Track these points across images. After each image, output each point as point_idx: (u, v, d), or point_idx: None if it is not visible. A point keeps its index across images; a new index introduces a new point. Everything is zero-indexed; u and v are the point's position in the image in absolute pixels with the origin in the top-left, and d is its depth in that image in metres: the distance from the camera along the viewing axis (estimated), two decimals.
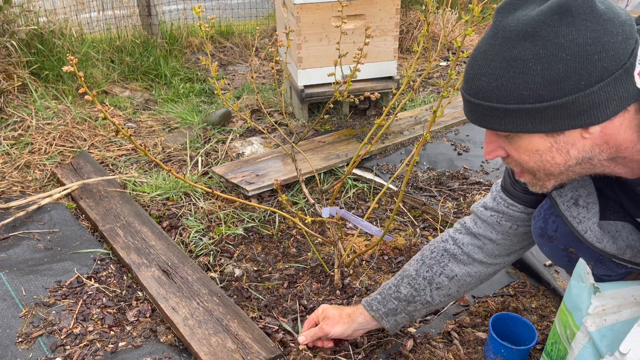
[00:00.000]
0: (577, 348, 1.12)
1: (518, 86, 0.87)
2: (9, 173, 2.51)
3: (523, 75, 0.86)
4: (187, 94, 3.53)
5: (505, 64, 0.87)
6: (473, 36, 4.81)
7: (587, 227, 1.13)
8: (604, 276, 1.23)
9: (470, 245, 1.37)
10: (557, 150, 0.93)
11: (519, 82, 0.86)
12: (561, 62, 0.83)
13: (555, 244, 1.23)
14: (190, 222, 2.14)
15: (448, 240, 1.40)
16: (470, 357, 1.47)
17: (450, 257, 1.38)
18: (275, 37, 3.44)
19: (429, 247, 1.44)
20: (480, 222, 1.36)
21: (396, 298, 1.41)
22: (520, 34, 0.85)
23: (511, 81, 0.87)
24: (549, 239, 1.23)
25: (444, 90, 1.29)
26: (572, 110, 0.86)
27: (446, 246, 1.40)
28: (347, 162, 2.53)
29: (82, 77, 1.10)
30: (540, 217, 1.24)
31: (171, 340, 1.58)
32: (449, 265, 1.38)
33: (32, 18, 3.34)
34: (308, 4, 2.74)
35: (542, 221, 1.23)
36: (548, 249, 1.27)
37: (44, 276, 1.81)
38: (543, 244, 1.27)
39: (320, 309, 1.50)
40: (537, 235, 1.26)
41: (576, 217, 1.14)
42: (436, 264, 1.39)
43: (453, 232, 1.41)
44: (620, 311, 1.07)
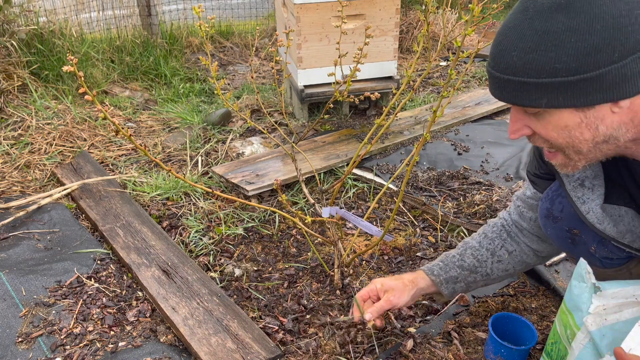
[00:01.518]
0: (577, 348, 1.11)
1: (551, 59, 0.86)
2: (9, 173, 2.51)
3: (556, 48, 0.85)
4: (187, 94, 3.53)
5: (537, 38, 0.86)
6: (473, 36, 4.81)
7: (590, 208, 1.14)
8: (606, 259, 1.23)
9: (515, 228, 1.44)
10: (586, 126, 0.93)
11: (551, 55, 0.86)
12: (595, 33, 0.82)
13: (560, 225, 1.24)
14: (190, 222, 2.14)
15: (502, 219, 1.48)
16: (470, 357, 1.47)
17: (507, 234, 1.45)
18: (275, 37, 3.44)
19: (488, 224, 1.51)
20: (514, 209, 1.44)
21: (460, 266, 1.45)
22: (553, 6, 0.85)
23: (544, 54, 0.86)
24: (554, 220, 1.25)
25: (444, 90, 1.29)
26: (604, 83, 0.85)
27: (502, 223, 1.47)
28: (347, 162, 2.53)
29: (82, 77, 1.09)
30: (547, 198, 1.26)
31: (171, 340, 1.58)
32: (508, 240, 1.44)
33: (32, 18, 3.34)
34: (308, 4, 2.74)
35: (548, 202, 1.25)
36: (552, 231, 1.28)
37: (44, 276, 1.81)
38: (548, 225, 1.28)
39: (377, 282, 1.44)
40: (543, 216, 1.28)
41: (580, 198, 1.15)
42: (497, 237, 1.45)
43: (503, 213, 1.49)
44: (621, 311, 1.07)
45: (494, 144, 2.76)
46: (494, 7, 1.67)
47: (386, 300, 1.40)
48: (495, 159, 2.59)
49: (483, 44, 1.55)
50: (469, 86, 3.73)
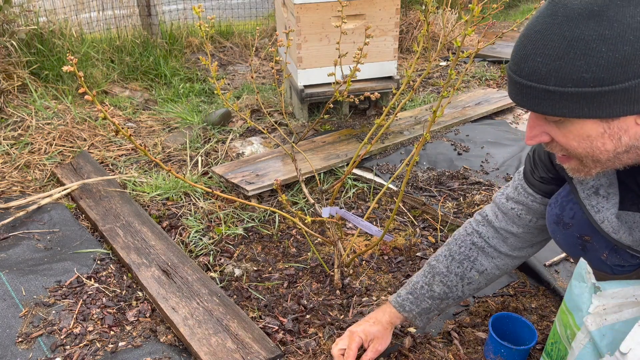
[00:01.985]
0: (577, 348, 1.11)
1: (578, 68, 0.83)
2: (9, 173, 2.51)
3: (585, 56, 0.82)
4: (187, 94, 3.53)
5: (565, 44, 0.83)
6: (473, 36, 4.81)
7: (605, 217, 1.11)
8: (617, 266, 1.21)
9: (495, 238, 1.38)
10: (609, 137, 0.90)
11: (580, 64, 0.83)
12: (628, 43, 0.80)
13: (571, 231, 1.21)
14: (190, 222, 2.14)
15: (473, 234, 1.41)
16: (470, 357, 1.47)
17: (479, 251, 1.39)
18: (275, 37, 3.44)
19: (455, 242, 1.43)
20: (502, 215, 1.37)
21: (430, 297, 1.41)
22: (585, 12, 0.82)
23: (571, 63, 0.83)
24: (564, 226, 1.21)
25: (444, 90, 1.29)
26: (633, 95, 0.83)
27: (473, 239, 1.41)
28: (347, 162, 2.53)
29: (82, 77, 1.09)
30: (557, 204, 1.22)
31: (171, 340, 1.58)
32: (479, 259, 1.39)
33: (32, 18, 3.34)
34: (308, 4, 2.74)
35: (558, 208, 1.21)
36: (562, 237, 1.24)
37: (44, 276, 1.81)
38: (557, 232, 1.24)
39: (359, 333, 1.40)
40: (552, 222, 1.24)
41: (595, 206, 1.12)
42: (466, 259, 1.40)
43: (476, 225, 1.42)
44: (621, 311, 1.07)
45: (494, 144, 2.76)
46: (494, 7, 1.67)
47: (374, 350, 1.40)
48: (495, 159, 2.59)
49: (483, 44, 1.55)
50: (469, 86, 3.73)
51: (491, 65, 4.15)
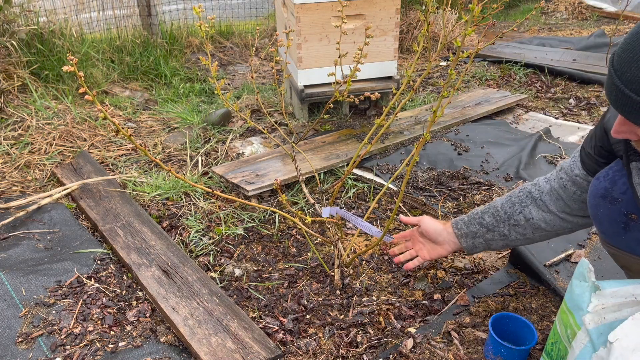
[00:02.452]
0: (577, 348, 1.12)
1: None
2: (9, 173, 2.51)
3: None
4: (187, 94, 3.53)
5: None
6: (473, 36, 4.81)
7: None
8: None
9: (548, 195, 1.45)
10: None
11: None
12: None
13: (618, 207, 1.18)
14: (190, 222, 2.14)
15: (534, 185, 1.49)
16: (470, 357, 1.47)
17: (532, 200, 1.47)
18: (275, 37, 3.44)
19: (518, 188, 1.53)
20: (556, 180, 1.44)
21: (479, 223, 1.54)
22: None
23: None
24: (611, 201, 1.19)
25: (444, 90, 1.29)
26: None
27: (531, 189, 1.49)
28: (347, 162, 2.53)
29: (82, 77, 1.10)
30: (607, 177, 1.21)
31: (171, 340, 1.58)
32: (529, 207, 1.47)
33: (32, 18, 3.34)
34: (308, 4, 2.74)
35: (609, 182, 1.20)
36: (606, 211, 1.21)
37: (44, 276, 1.81)
38: (601, 206, 1.22)
39: (421, 221, 1.64)
40: (599, 195, 1.22)
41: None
42: (518, 202, 1.49)
43: (540, 180, 1.50)
44: (620, 310, 1.07)
45: (494, 144, 2.76)
46: (494, 7, 1.67)
47: (419, 219, 1.65)
48: (495, 159, 2.59)
49: (483, 44, 1.55)
50: (469, 86, 3.73)
51: (491, 65, 4.15)
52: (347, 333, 1.57)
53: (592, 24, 5.60)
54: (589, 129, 2.97)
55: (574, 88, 3.60)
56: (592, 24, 5.60)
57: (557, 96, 3.49)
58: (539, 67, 3.90)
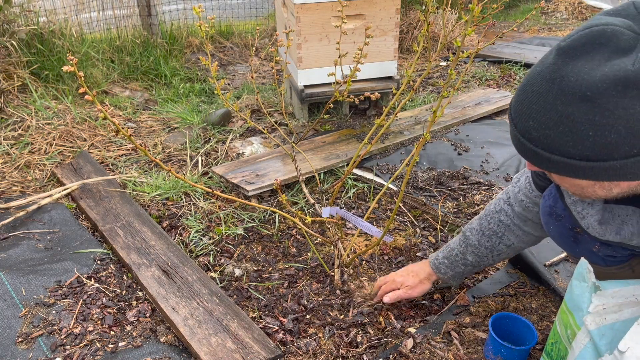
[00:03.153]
0: (577, 348, 1.11)
1: (565, 143, 0.84)
2: (9, 173, 2.51)
3: (572, 134, 0.83)
4: (187, 94, 3.53)
5: (556, 117, 0.84)
6: (473, 36, 4.81)
7: (589, 224, 1.14)
8: (609, 257, 1.23)
9: (517, 218, 1.46)
10: (599, 187, 0.93)
11: (567, 139, 0.84)
12: (616, 132, 0.80)
13: (563, 222, 1.23)
14: (190, 222, 2.14)
15: (501, 212, 1.49)
16: (470, 357, 1.47)
17: (506, 228, 1.49)
18: (275, 37, 3.44)
19: (485, 217, 1.53)
20: (517, 202, 1.44)
21: (463, 264, 1.58)
22: (578, 94, 0.81)
23: (559, 136, 0.85)
24: (557, 218, 1.24)
25: (444, 90, 1.29)
26: (619, 171, 0.84)
27: (500, 217, 1.49)
28: (347, 162, 2.53)
29: (82, 77, 1.10)
30: (550, 196, 1.26)
31: (171, 340, 1.58)
32: (506, 235, 1.49)
33: (32, 18, 3.34)
34: (308, 4, 2.74)
35: (552, 200, 1.25)
36: (555, 228, 1.27)
37: (44, 276, 1.81)
38: (550, 223, 1.28)
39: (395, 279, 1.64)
40: (546, 213, 1.28)
41: (580, 213, 1.15)
42: (494, 235, 1.51)
43: (503, 203, 1.49)
44: (620, 310, 1.07)
45: (494, 144, 2.76)
46: (494, 7, 1.67)
47: (405, 292, 1.61)
48: (495, 159, 2.59)
49: (483, 44, 1.55)
50: (469, 86, 3.73)
51: (491, 65, 4.15)
52: (347, 333, 1.57)
53: None
54: None
55: None
56: None
57: None
58: None
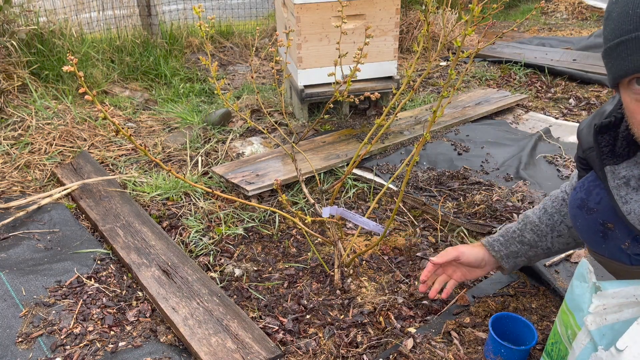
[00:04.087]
0: (578, 348, 1.11)
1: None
2: (9, 173, 2.51)
3: None
4: (187, 94, 3.53)
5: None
6: (473, 36, 4.81)
7: (632, 209, 1.10)
8: (636, 255, 1.18)
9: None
10: None
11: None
12: None
13: (594, 216, 1.19)
14: (190, 222, 2.14)
15: (565, 192, 1.47)
16: (470, 357, 1.47)
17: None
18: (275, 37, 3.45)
19: (549, 198, 1.51)
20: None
21: (520, 242, 1.51)
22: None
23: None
24: (588, 211, 1.20)
25: (444, 90, 1.29)
26: None
27: (563, 196, 1.47)
28: (347, 162, 2.53)
29: (82, 77, 1.10)
30: (583, 188, 1.22)
31: (171, 340, 1.58)
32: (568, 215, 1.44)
33: (32, 18, 3.34)
34: (308, 4, 2.74)
35: (584, 192, 1.21)
36: (584, 222, 1.23)
37: (44, 276, 1.81)
38: (579, 216, 1.23)
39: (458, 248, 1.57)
40: (576, 206, 1.23)
41: (623, 197, 1.11)
42: (557, 212, 1.47)
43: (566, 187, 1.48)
44: (621, 311, 1.07)
45: (494, 144, 2.76)
46: (494, 7, 1.67)
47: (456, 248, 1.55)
48: (495, 159, 2.59)
49: (483, 44, 1.55)
50: (469, 86, 3.73)
51: (491, 65, 4.15)
52: (347, 333, 1.57)
53: (592, 24, 5.60)
54: None
55: (574, 88, 3.60)
56: (592, 24, 5.60)
57: (557, 96, 3.49)
58: (539, 67, 3.89)
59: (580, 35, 4.98)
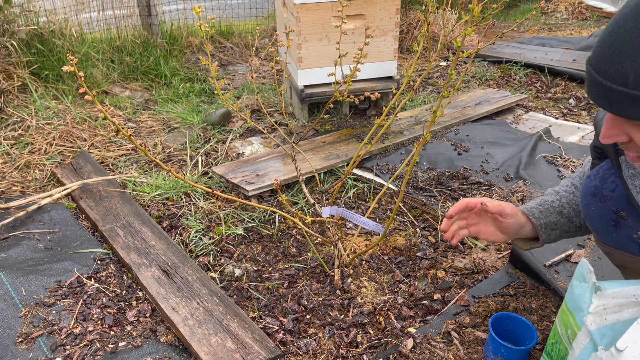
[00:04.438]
0: (578, 348, 1.11)
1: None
2: (9, 173, 2.51)
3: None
4: (187, 94, 3.53)
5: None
6: (473, 36, 4.81)
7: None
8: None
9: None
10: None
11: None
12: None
13: (608, 204, 1.17)
14: (190, 222, 2.14)
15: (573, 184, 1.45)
16: (470, 357, 1.47)
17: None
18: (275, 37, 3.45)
19: (570, 180, 1.46)
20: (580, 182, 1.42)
21: (559, 213, 1.42)
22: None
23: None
24: (601, 199, 1.18)
25: (444, 90, 1.29)
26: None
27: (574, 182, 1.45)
28: (347, 162, 2.53)
29: (82, 77, 1.10)
30: (597, 176, 1.20)
31: (171, 340, 1.58)
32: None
33: (32, 18, 3.34)
34: (308, 4, 2.74)
35: (599, 180, 1.19)
36: (596, 210, 1.21)
37: (44, 276, 1.81)
38: (592, 204, 1.21)
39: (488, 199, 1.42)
40: (589, 194, 1.21)
41: (637, 187, 1.10)
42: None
43: (575, 177, 1.46)
44: (621, 311, 1.07)
45: (494, 144, 2.76)
46: (494, 7, 1.67)
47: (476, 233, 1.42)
48: (495, 159, 2.59)
49: (483, 44, 1.55)
50: (469, 86, 3.73)
51: (491, 65, 4.15)
52: (347, 333, 1.57)
53: (592, 24, 5.60)
54: (589, 129, 2.97)
55: (574, 88, 3.60)
56: (592, 24, 5.60)
57: (557, 96, 3.49)
58: (539, 67, 3.90)
59: (580, 35, 4.98)
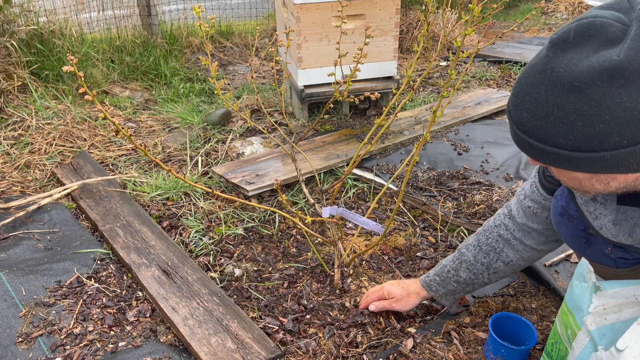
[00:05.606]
0: (578, 348, 1.11)
1: (557, 133, 0.85)
2: (9, 173, 2.51)
3: (562, 124, 0.84)
4: (187, 94, 3.53)
5: (547, 108, 0.85)
6: (473, 36, 4.81)
7: (602, 224, 1.12)
8: (620, 259, 1.20)
9: (519, 232, 1.43)
10: (597, 181, 0.92)
11: (557, 129, 0.85)
12: (603, 122, 0.81)
13: (576, 223, 1.21)
14: (190, 222, 2.14)
15: (500, 226, 1.46)
16: (470, 357, 1.47)
17: (505, 243, 1.45)
18: (275, 37, 3.44)
19: (483, 233, 1.50)
20: (522, 211, 1.41)
21: (456, 281, 1.52)
22: (566, 85, 0.83)
23: (551, 127, 0.85)
24: (569, 218, 1.22)
25: (444, 90, 1.29)
26: (611, 162, 0.84)
27: (500, 231, 1.46)
28: (347, 162, 2.53)
29: (82, 77, 1.10)
30: (562, 196, 1.23)
31: (171, 340, 1.58)
32: (504, 251, 1.45)
33: (32, 18, 3.34)
34: (308, 4, 2.74)
35: (564, 200, 1.23)
36: (567, 229, 1.25)
37: (44, 276, 1.81)
38: (562, 224, 1.25)
39: (384, 287, 1.60)
40: (557, 214, 1.25)
41: (592, 213, 1.13)
42: (492, 250, 1.47)
43: (503, 217, 1.46)
44: (621, 310, 1.07)
45: (494, 144, 2.76)
46: (494, 7, 1.67)
47: (390, 304, 1.58)
48: (495, 159, 2.59)
49: (483, 44, 1.55)
50: (469, 86, 3.73)
51: (491, 65, 4.15)
52: (347, 333, 1.57)
53: None
54: None
55: None
56: None
57: None
58: None
59: None
